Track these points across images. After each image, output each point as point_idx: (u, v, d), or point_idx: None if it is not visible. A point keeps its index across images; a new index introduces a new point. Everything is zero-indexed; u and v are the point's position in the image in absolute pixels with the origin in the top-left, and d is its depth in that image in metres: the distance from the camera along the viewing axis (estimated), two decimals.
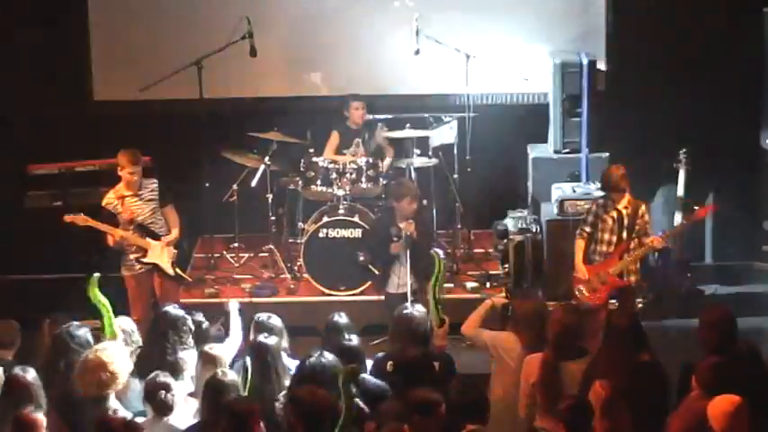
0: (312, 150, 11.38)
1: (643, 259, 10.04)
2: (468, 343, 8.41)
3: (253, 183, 11.34)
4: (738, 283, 11.34)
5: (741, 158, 12.02)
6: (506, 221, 11.93)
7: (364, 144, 11.50)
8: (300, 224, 11.43)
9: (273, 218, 11.55)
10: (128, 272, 10.13)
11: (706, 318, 7.29)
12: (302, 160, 11.29)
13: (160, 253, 10.06)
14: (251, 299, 10.98)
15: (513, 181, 12.19)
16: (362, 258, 10.54)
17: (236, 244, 11.89)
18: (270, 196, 11.42)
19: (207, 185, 11.51)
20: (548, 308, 7.58)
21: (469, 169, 11.60)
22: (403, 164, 11.47)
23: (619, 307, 9.71)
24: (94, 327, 8.09)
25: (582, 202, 10.76)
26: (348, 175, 11.11)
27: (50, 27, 12.02)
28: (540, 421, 7.18)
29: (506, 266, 11.52)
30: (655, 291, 11.34)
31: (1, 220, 12.11)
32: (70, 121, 12.11)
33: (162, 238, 10.06)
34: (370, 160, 11.19)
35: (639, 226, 9.66)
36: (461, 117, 11.48)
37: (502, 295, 10.38)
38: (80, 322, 8.07)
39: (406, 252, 9.92)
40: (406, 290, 9.85)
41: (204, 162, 11.51)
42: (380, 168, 11.25)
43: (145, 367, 7.46)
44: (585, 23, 12.08)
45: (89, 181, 11.21)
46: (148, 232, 10.02)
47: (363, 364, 7.46)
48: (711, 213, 9.75)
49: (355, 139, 11.51)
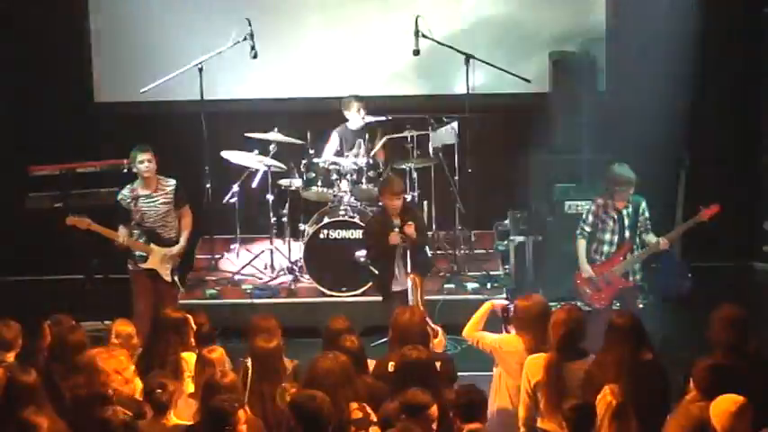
0: (312, 151, 11.38)
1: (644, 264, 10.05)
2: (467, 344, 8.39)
3: (253, 184, 11.35)
4: (739, 284, 11.33)
5: (741, 159, 12.03)
6: (507, 222, 11.95)
7: (364, 145, 11.50)
8: (301, 225, 11.43)
9: (274, 219, 11.55)
10: (132, 267, 10.29)
11: (718, 317, 7.24)
12: (303, 161, 11.30)
13: (161, 259, 10.10)
14: (251, 300, 10.99)
15: (514, 181, 12.19)
16: (363, 259, 10.53)
17: (236, 245, 11.90)
18: (270, 197, 11.43)
19: (208, 186, 11.52)
20: (551, 308, 7.56)
21: (470, 170, 11.60)
22: (403, 165, 11.48)
23: (621, 307, 9.71)
24: (95, 328, 8.11)
25: (582, 203, 10.77)
26: (348, 176, 11.12)
27: (51, 28, 12.03)
28: (542, 422, 7.17)
29: (507, 267, 11.54)
30: (656, 292, 11.36)
31: (2, 221, 12.13)
32: (71, 123, 12.12)
33: (167, 248, 10.09)
34: (370, 161, 11.19)
35: (641, 223, 9.66)
36: (462, 118, 11.49)
37: (502, 296, 10.41)
38: (81, 323, 8.09)
39: (405, 251, 9.92)
40: (405, 287, 9.87)
41: (205, 163, 11.52)
42: (380, 168, 11.25)
43: (145, 368, 7.46)
44: (585, 24, 12.08)
45: (90, 182, 11.20)
46: (154, 237, 10.06)
47: (365, 366, 7.46)
48: (717, 215, 9.70)
49: (356, 140, 11.51)
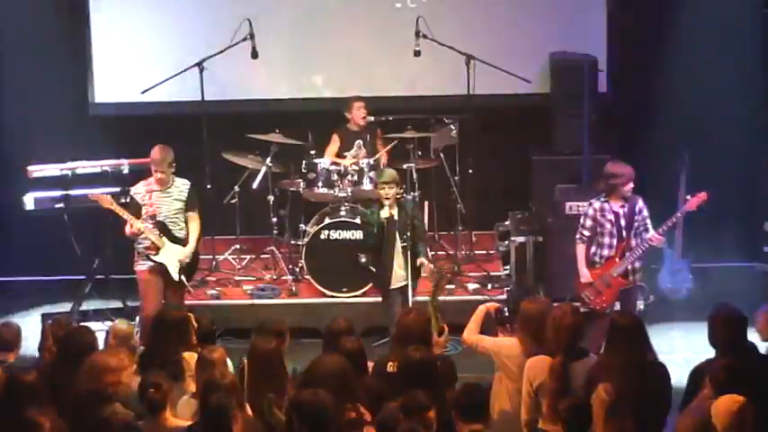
0: (313, 152, 11.37)
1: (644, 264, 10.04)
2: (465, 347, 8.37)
3: (254, 184, 11.35)
4: (739, 285, 11.31)
5: (742, 159, 12.02)
6: (507, 223, 11.95)
7: (365, 146, 11.50)
8: (302, 226, 11.42)
9: (275, 219, 11.55)
10: (140, 266, 10.12)
11: (717, 317, 7.25)
12: (303, 162, 11.30)
13: (171, 255, 10.05)
14: (252, 300, 10.99)
15: (515, 182, 12.19)
16: (364, 260, 10.53)
17: (237, 246, 11.89)
18: (271, 198, 11.42)
19: (208, 187, 11.50)
20: (552, 310, 7.54)
21: (471, 171, 11.60)
22: (404, 165, 11.47)
23: (621, 306, 9.70)
24: (96, 329, 8.10)
25: (583, 204, 10.76)
26: (349, 177, 11.11)
27: (52, 29, 12.02)
28: (544, 424, 7.15)
29: (508, 268, 11.54)
30: (656, 292, 11.36)
31: (2, 221, 12.12)
32: (72, 123, 12.11)
33: (178, 246, 10.04)
34: (371, 162, 11.19)
35: (639, 222, 9.65)
36: (462, 118, 11.48)
37: (499, 298, 10.43)
38: (81, 324, 8.09)
39: (406, 249, 9.91)
40: (404, 284, 9.86)
41: (205, 164, 11.51)
42: (380, 169, 11.22)
43: (147, 368, 7.45)
44: (586, 25, 12.07)
45: (90, 182, 11.20)
46: (167, 232, 10.02)
47: (365, 366, 7.45)
48: (704, 202, 9.69)
49: (356, 141, 11.50)
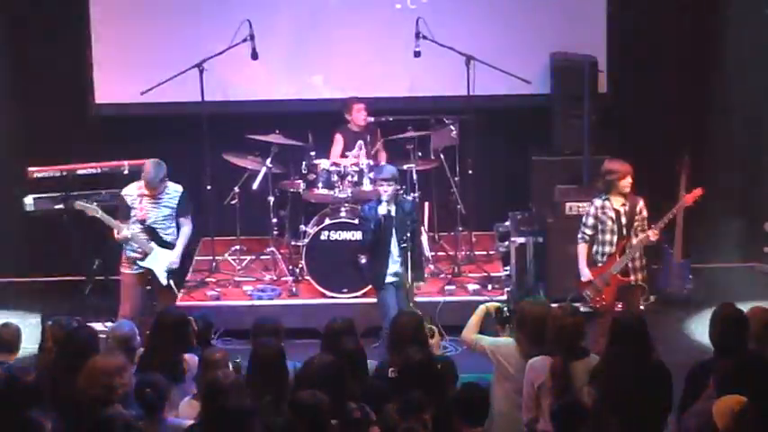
0: (313, 153, 11.37)
1: (646, 264, 10.03)
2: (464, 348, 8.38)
3: (254, 185, 11.35)
4: (739, 285, 11.31)
5: (742, 159, 12.02)
6: (507, 223, 11.94)
7: (366, 146, 11.49)
8: (302, 227, 11.42)
9: (275, 220, 11.54)
10: (125, 270, 10.17)
11: (718, 317, 7.24)
12: (303, 163, 11.29)
13: (158, 260, 10.07)
14: (252, 301, 10.99)
15: (515, 183, 12.19)
16: (364, 260, 10.52)
17: (237, 246, 11.89)
18: (271, 199, 11.42)
19: (208, 188, 11.51)
20: (552, 310, 7.55)
21: (471, 171, 11.60)
22: (404, 166, 11.47)
23: (623, 306, 9.71)
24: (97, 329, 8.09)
25: (583, 204, 10.76)
26: (350, 178, 11.11)
27: (52, 29, 12.03)
28: (545, 424, 7.15)
29: (508, 268, 11.54)
30: (656, 293, 11.35)
31: (2, 222, 12.12)
32: (72, 124, 12.12)
33: (166, 251, 10.05)
34: (371, 162, 11.19)
35: (638, 222, 9.66)
36: (463, 119, 11.48)
37: (499, 298, 10.44)
38: (81, 324, 8.08)
39: (404, 249, 9.90)
40: (398, 278, 9.84)
41: (206, 165, 11.51)
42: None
43: (147, 369, 7.45)
44: (586, 25, 12.06)
45: (90, 184, 11.20)
46: (156, 237, 10.04)
47: (364, 367, 7.45)
48: (700, 197, 9.71)
49: (357, 141, 11.50)
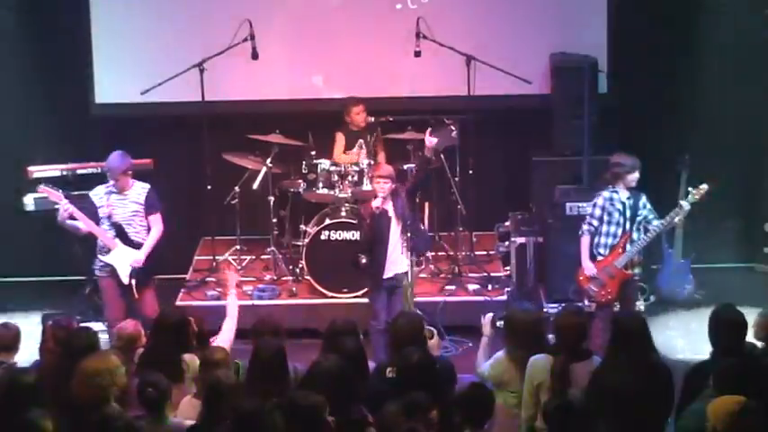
0: (314, 153, 11.37)
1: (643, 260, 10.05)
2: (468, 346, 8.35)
3: (254, 185, 11.35)
4: (739, 285, 11.32)
5: (742, 160, 12.02)
6: (508, 223, 11.94)
7: (366, 145, 11.49)
8: (302, 226, 11.42)
9: (275, 220, 11.55)
10: (99, 273, 10.11)
11: (718, 317, 7.24)
12: (304, 163, 11.29)
13: (122, 257, 9.99)
14: (253, 301, 10.98)
15: (515, 183, 12.19)
16: (365, 261, 10.52)
17: (237, 246, 11.89)
18: (271, 199, 11.42)
19: (209, 188, 11.51)
20: (544, 317, 7.56)
21: (471, 171, 11.60)
22: (404, 166, 11.47)
23: (621, 301, 9.71)
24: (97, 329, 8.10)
25: (584, 204, 10.76)
26: (350, 178, 11.11)
27: (52, 29, 12.03)
28: (541, 422, 7.14)
29: (508, 269, 11.54)
30: (656, 292, 11.36)
31: (2, 221, 12.12)
32: (72, 124, 12.11)
33: (130, 249, 9.95)
34: (371, 162, 11.18)
35: (641, 217, 9.67)
36: (462, 119, 11.48)
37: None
38: (81, 324, 8.09)
39: (405, 233, 9.89)
40: (403, 270, 9.83)
41: (206, 164, 11.51)
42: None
43: (147, 369, 7.44)
44: (586, 25, 12.06)
45: (90, 183, 11.19)
46: (122, 234, 9.97)
47: (365, 367, 7.45)
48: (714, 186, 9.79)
49: (358, 141, 11.50)
